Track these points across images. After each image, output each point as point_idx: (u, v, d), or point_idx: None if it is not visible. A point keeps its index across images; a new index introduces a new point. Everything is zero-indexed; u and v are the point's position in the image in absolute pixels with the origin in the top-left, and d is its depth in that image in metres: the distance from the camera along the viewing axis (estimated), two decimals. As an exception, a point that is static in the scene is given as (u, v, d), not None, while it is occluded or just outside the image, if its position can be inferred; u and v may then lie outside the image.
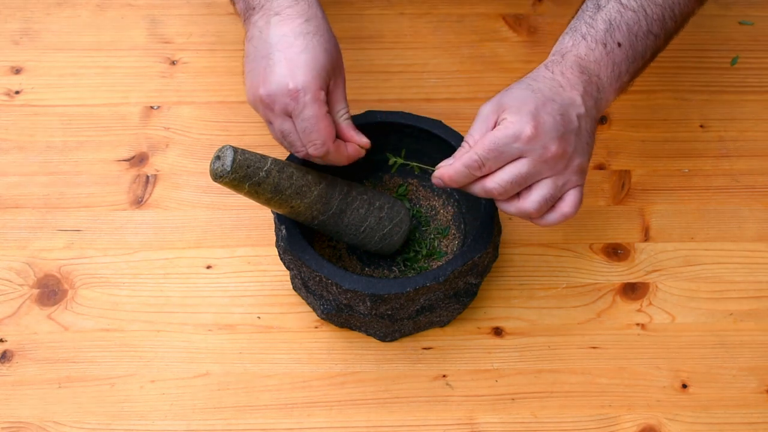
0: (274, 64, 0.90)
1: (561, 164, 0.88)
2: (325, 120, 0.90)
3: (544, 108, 0.87)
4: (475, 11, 1.26)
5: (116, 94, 1.18)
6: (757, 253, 1.07)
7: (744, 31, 1.25)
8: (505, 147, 0.86)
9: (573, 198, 0.89)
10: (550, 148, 0.86)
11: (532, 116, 0.86)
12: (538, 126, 0.86)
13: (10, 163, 1.12)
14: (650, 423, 0.96)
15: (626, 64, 0.93)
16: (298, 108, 0.89)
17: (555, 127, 0.87)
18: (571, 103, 0.89)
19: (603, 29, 0.93)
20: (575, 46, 0.92)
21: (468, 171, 0.87)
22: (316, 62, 0.90)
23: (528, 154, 0.86)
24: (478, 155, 0.86)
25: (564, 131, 0.87)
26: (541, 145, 0.86)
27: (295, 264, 0.96)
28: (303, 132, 0.90)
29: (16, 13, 1.25)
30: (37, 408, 0.96)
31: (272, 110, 0.91)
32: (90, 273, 1.04)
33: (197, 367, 0.98)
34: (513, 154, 0.86)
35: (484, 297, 1.03)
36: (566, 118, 0.88)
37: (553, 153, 0.86)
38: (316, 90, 0.89)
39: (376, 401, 0.97)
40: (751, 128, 1.16)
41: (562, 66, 0.91)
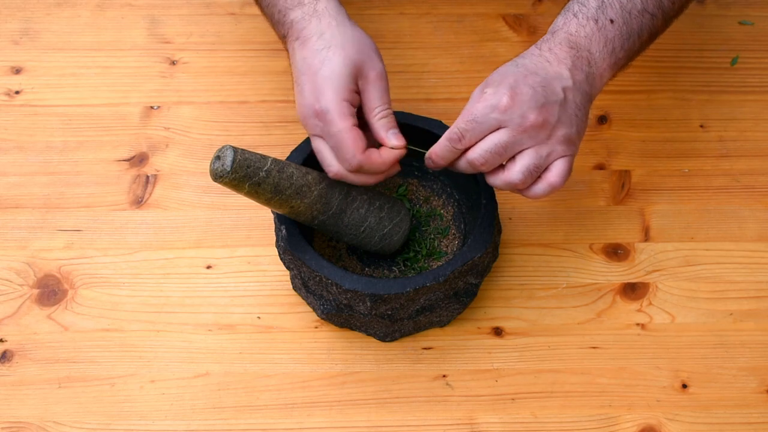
0: (301, 89, 0.92)
1: (543, 134, 0.89)
2: (350, 132, 0.90)
3: (525, 80, 0.89)
4: (475, 11, 1.26)
5: (116, 94, 1.18)
6: (757, 253, 1.07)
7: (744, 31, 1.25)
8: (483, 117, 0.88)
9: (560, 168, 0.91)
10: (528, 117, 0.88)
11: (510, 87, 0.88)
12: (515, 96, 0.87)
13: (10, 163, 1.12)
14: (650, 423, 0.96)
15: (620, 40, 0.94)
16: (326, 128, 0.90)
17: (534, 97, 0.88)
18: (557, 76, 0.90)
19: (595, 6, 0.94)
20: (566, 24, 0.94)
21: (450, 145, 0.90)
22: (334, 75, 0.91)
23: (506, 123, 0.88)
24: (457, 128, 0.89)
25: (544, 101, 0.88)
26: (519, 114, 0.87)
27: (295, 264, 0.96)
28: (335, 149, 0.91)
29: (16, 13, 1.25)
30: (37, 408, 0.96)
31: (308, 131, 0.93)
32: (90, 273, 1.04)
33: (197, 367, 0.98)
34: (492, 124, 0.88)
35: (484, 297, 1.03)
36: (549, 90, 0.89)
37: (532, 122, 0.88)
38: (337, 104, 0.90)
39: (376, 401, 0.97)
40: (751, 128, 1.16)
41: (550, 43, 0.92)
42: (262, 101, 1.17)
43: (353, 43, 0.93)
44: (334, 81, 0.91)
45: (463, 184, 1.04)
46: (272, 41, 1.21)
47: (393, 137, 0.93)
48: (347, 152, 0.90)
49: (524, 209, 1.09)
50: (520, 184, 0.90)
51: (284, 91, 1.18)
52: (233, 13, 1.25)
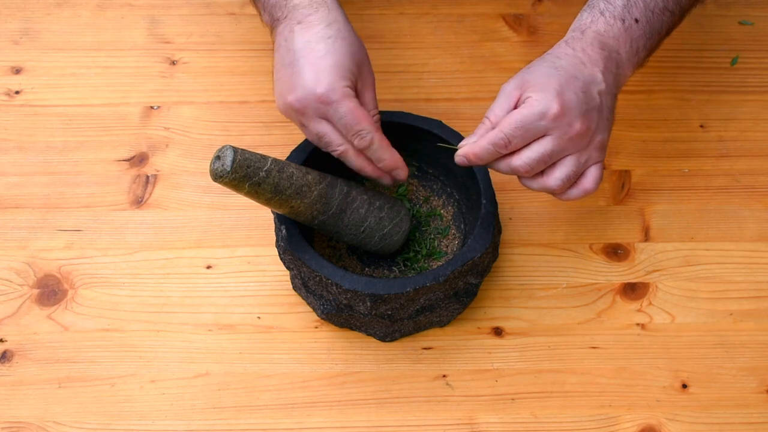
0: (300, 70, 0.91)
1: (584, 141, 0.90)
2: (361, 110, 0.91)
3: (568, 86, 0.89)
4: (475, 11, 1.26)
5: (116, 94, 1.18)
6: (757, 253, 1.07)
7: (744, 31, 1.25)
8: (532, 125, 0.88)
9: (594, 174, 0.92)
10: (574, 125, 0.88)
11: (557, 94, 0.88)
12: (564, 104, 0.88)
13: (10, 163, 1.12)
14: (650, 423, 0.96)
15: (644, 39, 0.95)
16: (332, 109, 0.91)
17: (579, 104, 0.89)
18: (593, 80, 0.90)
19: (621, 5, 0.94)
20: (594, 22, 0.93)
21: (494, 149, 0.89)
22: (339, 64, 0.91)
23: (553, 132, 0.88)
24: (504, 134, 0.88)
25: (587, 108, 0.89)
26: (566, 122, 0.88)
27: (295, 264, 0.96)
28: (346, 128, 0.92)
29: (16, 13, 1.25)
30: (37, 408, 0.96)
31: (305, 115, 0.93)
32: (90, 273, 1.04)
33: (197, 367, 0.98)
34: (539, 131, 0.88)
35: (484, 297, 1.03)
36: (589, 95, 0.90)
37: (578, 131, 0.89)
38: (343, 87, 0.91)
39: (376, 401, 0.97)
40: (751, 128, 1.16)
41: (582, 42, 0.92)
42: (262, 101, 1.17)
43: (358, 45, 0.94)
44: (339, 68, 0.91)
45: (463, 184, 1.04)
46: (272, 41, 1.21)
47: None
48: (363, 128, 0.91)
49: (524, 209, 1.09)
50: (558, 190, 0.91)
51: (284, 91, 1.18)
52: (233, 13, 1.25)
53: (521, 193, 1.10)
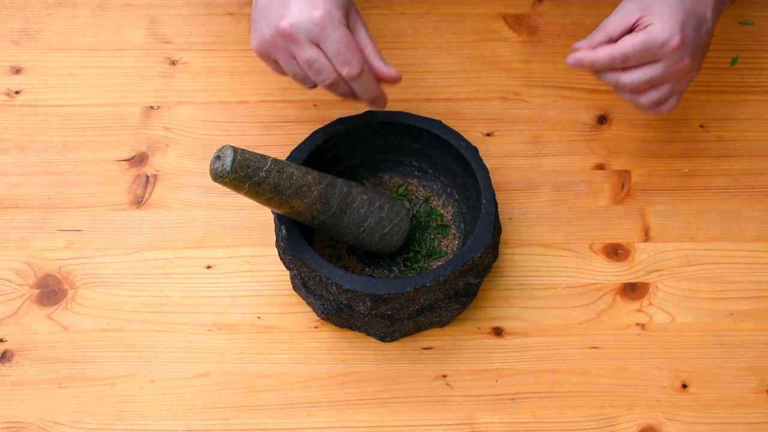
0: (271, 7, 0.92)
1: (685, 76, 0.98)
2: (354, 39, 0.93)
3: (688, 21, 0.95)
4: (475, 11, 1.26)
5: (116, 94, 1.18)
6: (757, 253, 1.07)
7: (744, 31, 1.25)
8: (651, 51, 0.94)
9: (673, 103, 1.00)
10: (684, 60, 0.95)
11: (681, 28, 0.94)
12: (684, 39, 0.94)
13: (10, 163, 1.12)
14: (650, 423, 0.96)
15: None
16: (326, 33, 0.91)
17: (693, 41, 0.95)
18: (704, 18, 0.96)
19: None
20: None
21: (610, 62, 0.95)
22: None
23: (665, 60, 0.95)
24: (625, 51, 0.94)
25: (696, 46, 0.96)
26: (680, 55, 0.95)
27: (295, 264, 0.96)
28: (336, 55, 0.92)
29: (16, 13, 1.25)
30: (37, 408, 0.96)
31: (296, 41, 0.92)
32: (90, 273, 1.04)
33: (197, 367, 0.98)
34: (655, 57, 0.95)
35: (484, 297, 1.03)
36: (700, 33, 0.96)
37: (685, 65, 0.96)
38: (339, 15, 0.92)
39: (376, 401, 0.97)
40: (751, 128, 1.16)
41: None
42: (262, 101, 1.17)
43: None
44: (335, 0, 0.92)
45: (463, 184, 1.04)
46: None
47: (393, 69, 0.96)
48: (354, 56, 0.92)
49: (524, 209, 1.09)
50: (644, 108, 0.99)
51: (284, 91, 1.18)
52: (233, 13, 1.25)
53: (521, 193, 1.10)
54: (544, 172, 1.12)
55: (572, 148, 1.14)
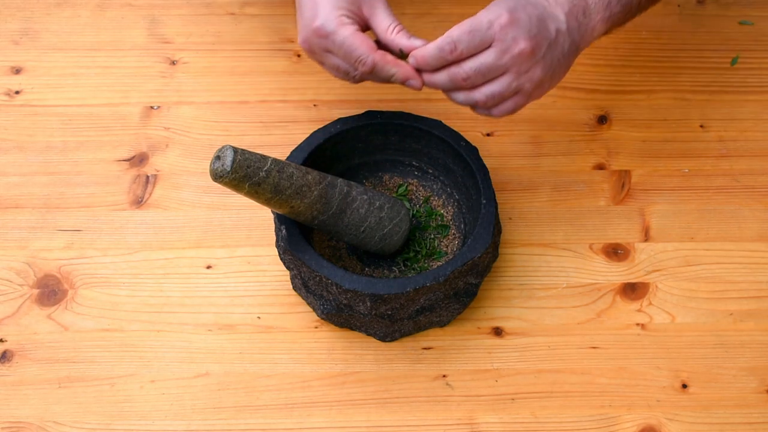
0: (302, 11, 0.94)
1: (525, 65, 0.90)
2: (357, 36, 0.92)
3: (524, 8, 0.90)
4: (475, 11, 1.25)
5: (116, 94, 1.18)
6: (757, 253, 1.07)
7: (744, 31, 1.25)
8: (478, 31, 0.88)
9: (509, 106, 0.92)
10: (519, 42, 0.89)
11: (510, 9, 0.89)
12: (513, 18, 0.88)
13: (10, 163, 1.12)
14: (650, 423, 0.96)
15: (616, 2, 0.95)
16: (329, 41, 0.92)
17: (529, 25, 0.89)
18: (553, 16, 0.91)
19: None
20: None
21: (440, 53, 0.89)
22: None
23: (497, 43, 0.88)
24: (451, 37, 0.88)
25: (536, 33, 0.89)
26: (512, 36, 0.88)
27: (295, 264, 0.96)
28: (346, 57, 0.92)
29: (16, 13, 1.25)
30: (37, 408, 0.96)
31: (315, 53, 0.94)
32: (90, 273, 1.04)
33: (197, 367, 0.98)
34: (484, 40, 0.88)
35: (484, 297, 1.03)
36: (542, 24, 0.90)
37: (521, 49, 0.89)
38: (336, 17, 0.92)
39: (376, 401, 0.97)
40: (751, 128, 1.16)
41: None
42: (262, 101, 1.17)
43: None
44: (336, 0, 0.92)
45: (463, 184, 1.04)
46: (272, 41, 1.21)
47: (417, 40, 0.93)
48: (361, 53, 0.92)
49: (524, 209, 1.09)
50: (480, 104, 0.92)
51: (284, 91, 1.18)
52: (233, 13, 1.25)
53: (521, 193, 1.10)
54: (543, 172, 1.12)
55: (572, 148, 1.14)
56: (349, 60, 0.93)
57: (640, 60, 1.21)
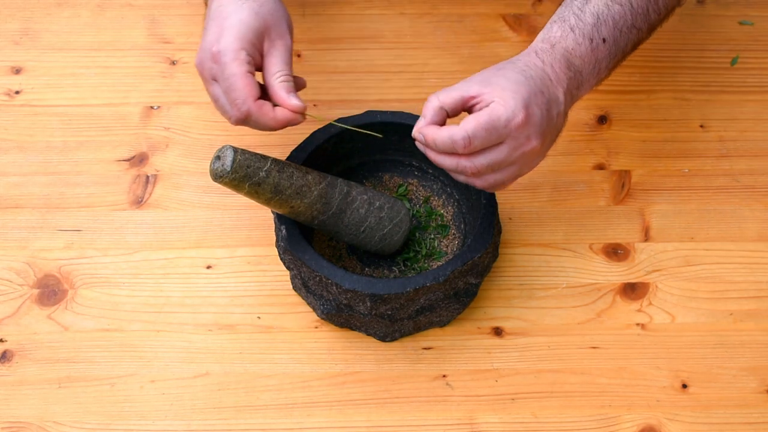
0: (206, 33, 0.93)
1: (533, 160, 0.89)
2: (245, 78, 0.90)
3: (535, 99, 0.87)
4: (475, 11, 1.26)
5: (116, 94, 1.18)
6: (757, 253, 1.07)
7: (744, 31, 1.25)
8: (496, 130, 0.85)
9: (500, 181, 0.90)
10: (531, 141, 0.87)
11: (525, 105, 0.86)
12: (529, 116, 0.86)
13: (10, 163, 1.12)
14: (650, 423, 0.96)
15: (607, 60, 0.94)
16: (220, 70, 0.91)
17: (541, 121, 0.87)
18: (555, 99, 0.89)
19: (591, 23, 0.93)
20: (564, 38, 0.92)
21: (451, 144, 0.86)
22: (242, 24, 0.91)
23: (510, 141, 0.86)
24: (468, 134, 0.85)
25: (546, 128, 0.88)
26: (525, 135, 0.86)
27: (295, 264, 0.96)
28: (226, 93, 0.91)
29: (16, 13, 1.25)
30: (37, 408, 0.96)
31: (203, 76, 0.94)
32: (90, 273, 1.04)
33: (197, 367, 0.98)
34: (499, 138, 0.86)
35: (484, 297, 1.03)
36: (550, 115, 0.88)
37: (532, 147, 0.87)
38: (236, 50, 0.90)
39: (376, 401, 0.97)
40: (751, 128, 1.16)
41: (551, 58, 0.91)
42: (262, 101, 1.17)
43: (270, 6, 0.94)
44: (239, 27, 0.91)
45: (463, 184, 1.04)
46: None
47: (294, 98, 0.92)
48: (238, 97, 0.90)
49: (524, 209, 1.09)
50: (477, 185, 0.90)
51: (284, 91, 1.18)
52: (233, 13, 1.25)
53: (521, 193, 1.10)
54: (543, 172, 1.12)
55: (572, 148, 1.14)
56: (228, 98, 0.91)
57: (640, 60, 1.21)
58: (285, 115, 0.92)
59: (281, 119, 0.92)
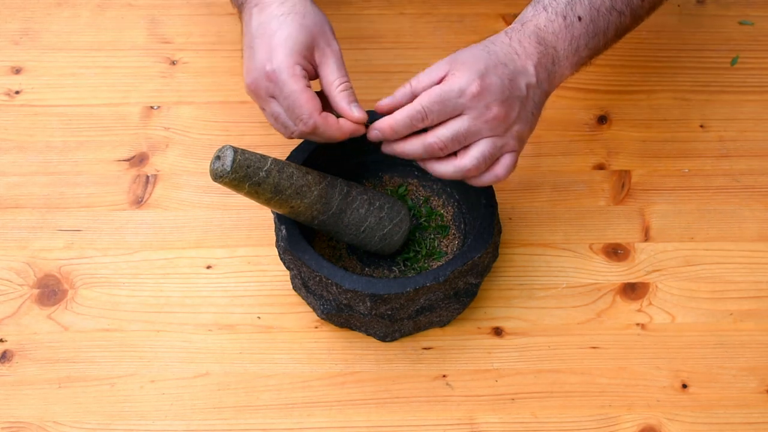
0: (254, 52, 0.92)
1: (501, 127, 0.89)
2: (305, 93, 0.90)
3: (495, 70, 0.89)
4: (475, 11, 1.26)
5: (116, 94, 1.18)
6: (757, 253, 1.07)
7: (744, 31, 1.25)
8: (449, 100, 0.87)
9: (507, 161, 0.92)
10: (492, 108, 0.88)
11: (480, 75, 0.88)
12: (484, 85, 0.88)
13: (10, 163, 1.12)
14: (650, 423, 0.96)
15: (585, 38, 0.95)
16: (278, 88, 0.91)
17: (501, 89, 0.88)
18: (523, 71, 0.90)
19: (564, 2, 0.94)
20: (536, 16, 0.94)
21: (410, 122, 0.88)
22: (291, 39, 0.91)
23: (469, 111, 0.88)
24: (422, 106, 0.87)
25: (509, 95, 0.89)
26: (484, 104, 0.88)
27: (295, 264, 0.96)
28: (289, 110, 0.91)
29: (16, 13, 1.25)
30: (37, 408, 0.96)
31: (259, 96, 0.93)
32: (90, 273, 1.04)
33: (197, 367, 0.98)
34: (456, 108, 0.88)
35: (484, 297, 1.03)
36: (514, 84, 0.89)
37: (495, 114, 0.88)
38: (290, 66, 0.90)
39: (376, 401, 0.97)
40: (751, 128, 1.16)
41: (520, 34, 0.92)
42: (262, 101, 1.17)
43: (313, 17, 0.94)
44: (288, 43, 0.91)
45: (463, 184, 1.03)
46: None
47: (356, 110, 0.92)
48: (303, 112, 0.90)
49: (524, 209, 1.09)
50: (473, 170, 0.90)
51: (284, 91, 1.18)
52: (233, 13, 1.25)
53: (521, 193, 1.10)
54: (543, 172, 1.12)
55: (572, 148, 1.14)
56: (291, 115, 0.91)
57: (640, 60, 1.21)
58: (349, 127, 0.93)
59: (347, 130, 0.93)
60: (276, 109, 0.92)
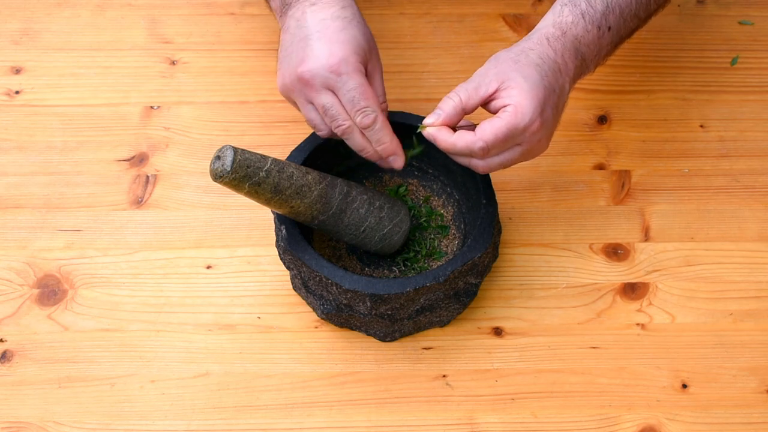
0: (313, 43, 0.92)
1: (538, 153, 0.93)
2: (370, 88, 0.92)
3: (549, 101, 0.90)
4: (475, 11, 1.26)
5: (116, 94, 1.18)
6: (757, 253, 1.07)
7: (744, 31, 1.25)
8: (513, 138, 0.89)
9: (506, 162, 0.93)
10: (543, 143, 0.92)
11: (541, 110, 0.89)
12: (543, 122, 0.89)
13: (10, 163, 1.12)
14: (650, 423, 0.96)
15: (608, 48, 0.96)
16: (341, 80, 0.91)
17: (552, 123, 0.91)
18: (562, 92, 0.92)
19: (601, 11, 0.94)
20: (575, 24, 0.93)
21: (468, 152, 0.90)
22: (356, 41, 0.92)
23: (525, 144, 0.90)
24: (486, 143, 0.88)
25: (554, 126, 0.92)
26: (538, 138, 0.90)
27: (295, 264, 0.96)
28: (350, 102, 0.91)
29: (16, 13, 1.25)
30: (37, 408, 0.96)
31: (312, 86, 0.92)
32: (90, 273, 1.04)
33: (197, 367, 0.98)
34: (515, 143, 0.90)
35: (484, 297, 1.03)
36: (558, 110, 0.92)
37: (541, 146, 0.92)
38: (356, 62, 0.91)
39: (376, 401, 0.97)
40: (751, 128, 1.16)
41: (563, 46, 0.92)
42: (262, 101, 1.17)
43: (369, 32, 0.95)
44: (354, 43, 0.92)
45: (463, 184, 1.04)
46: (272, 41, 1.21)
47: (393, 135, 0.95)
48: (368, 104, 0.91)
49: (524, 209, 1.09)
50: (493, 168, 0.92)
51: (284, 91, 1.18)
52: (233, 13, 1.26)
53: (521, 193, 1.10)
54: (543, 172, 1.12)
55: (572, 148, 1.14)
56: (354, 106, 0.91)
57: (640, 60, 1.21)
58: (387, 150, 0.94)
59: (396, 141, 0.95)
60: (328, 101, 0.92)
